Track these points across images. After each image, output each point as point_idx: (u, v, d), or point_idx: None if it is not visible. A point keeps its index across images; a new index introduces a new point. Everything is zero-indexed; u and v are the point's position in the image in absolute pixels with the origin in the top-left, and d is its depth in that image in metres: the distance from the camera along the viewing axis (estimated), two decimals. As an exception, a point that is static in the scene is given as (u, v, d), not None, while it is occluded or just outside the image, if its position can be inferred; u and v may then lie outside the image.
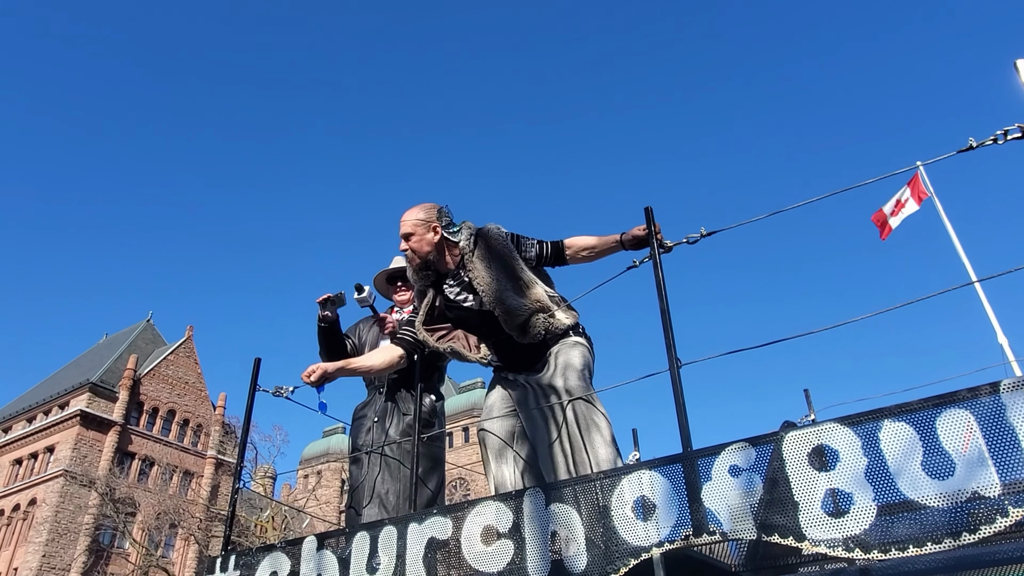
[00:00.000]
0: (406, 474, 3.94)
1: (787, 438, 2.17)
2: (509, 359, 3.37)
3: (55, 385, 50.17)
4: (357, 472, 4.07)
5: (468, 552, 2.61)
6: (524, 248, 3.32)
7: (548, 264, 3.38)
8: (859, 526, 1.97)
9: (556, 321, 3.19)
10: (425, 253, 3.34)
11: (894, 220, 12.16)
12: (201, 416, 51.52)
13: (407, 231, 3.36)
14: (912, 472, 1.96)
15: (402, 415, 4.11)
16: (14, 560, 41.11)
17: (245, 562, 3.24)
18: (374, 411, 4.17)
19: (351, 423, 4.32)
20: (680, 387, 2.50)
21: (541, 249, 3.33)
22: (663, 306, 2.70)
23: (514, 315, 3.15)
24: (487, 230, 3.31)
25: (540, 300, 3.18)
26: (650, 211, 2.97)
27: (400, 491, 3.92)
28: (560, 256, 3.32)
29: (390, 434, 4.06)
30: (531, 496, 2.57)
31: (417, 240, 3.34)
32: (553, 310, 3.20)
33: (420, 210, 3.39)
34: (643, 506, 2.33)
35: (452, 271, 3.38)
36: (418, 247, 3.34)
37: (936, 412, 2.00)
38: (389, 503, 3.89)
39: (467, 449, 60.67)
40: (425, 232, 3.33)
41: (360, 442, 4.14)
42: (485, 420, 3.38)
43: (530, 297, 3.18)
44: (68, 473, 41.54)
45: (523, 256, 3.28)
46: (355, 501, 4.00)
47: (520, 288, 3.18)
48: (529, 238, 3.36)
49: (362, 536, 2.92)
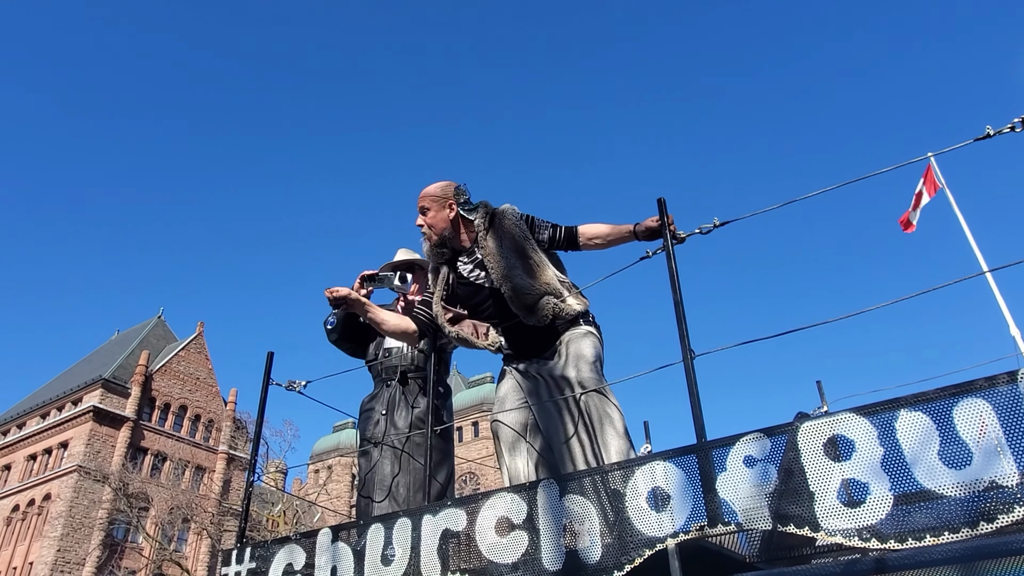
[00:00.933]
0: (415, 466, 3.96)
1: (802, 428, 2.16)
2: (519, 344, 3.37)
3: (68, 381, 50.63)
4: (367, 464, 4.07)
5: (482, 543, 2.61)
6: (538, 230, 3.33)
7: (560, 248, 3.38)
8: (875, 516, 1.96)
9: (566, 306, 3.19)
10: (440, 229, 3.36)
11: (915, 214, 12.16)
12: (212, 412, 51.88)
13: (423, 206, 3.40)
14: (929, 462, 1.95)
15: (411, 407, 4.12)
16: (29, 554, 41.57)
17: (260, 554, 3.26)
18: (382, 403, 4.17)
19: (359, 416, 4.32)
20: (694, 378, 2.50)
21: (554, 232, 3.34)
22: (676, 297, 2.69)
23: (522, 295, 3.16)
24: (502, 210, 3.33)
25: (550, 283, 3.20)
26: (663, 202, 2.96)
27: (411, 483, 3.93)
28: (573, 241, 3.32)
29: (399, 426, 4.06)
30: (545, 488, 2.57)
31: (433, 216, 3.37)
32: (563, 294, 3.21)
33: (437, 187, 3.42)
34: (657, 497, 2.33)
35: (467, 249, 3.40)
36: (434, 223, 3.37)
37: (953, 401, 1.98)
38: (400, 495, 3.90)
39: (477, 443, 60.84)
40: (441, 208, 3.37)
41: (369, 434, 4.14)
42: (498, 412, 3.38)
43: (540, 279, 3.19)
44: (82, 468, 41.94)
45: (536, 238, 3.30)
46: (366, 493, 4.01)
47: (530, 269, 3.20)
48: (544, 221, 3.37)
49: (376, 528, 2.93)
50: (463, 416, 63.77)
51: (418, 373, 4.21)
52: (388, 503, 3.86)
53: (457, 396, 66.15)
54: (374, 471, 4.00)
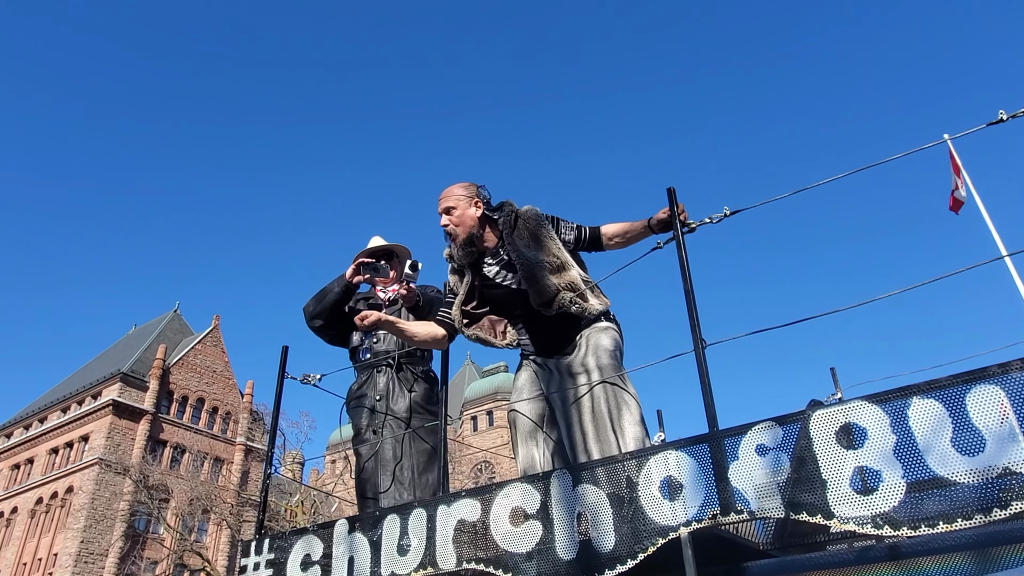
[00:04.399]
0: (418, 448, 3.97)
1: (815, 416, 2.16)
2: (540, 342, 3.38)
3: (87, 376, 51.28)
4: (368, 450, 4.04)
5: (497, 533, 2.64)
6: (563, 231, 3.33)
7: (584, 249, 3.39)
8: (888, 503, 1.97)
9: (588, 305, 3.19)
10: (468, 228, 3.34)
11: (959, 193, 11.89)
12: (229, 404, 52.38)
13: (449, 205, 3.37)
14: (942, 449, 1.95)
15: (408, 391, 4.11)
16: (54, 545, 42.28)
17: (279, 545, 3.31)
18: (375, 390, 4.14)
19: (347, 406, 4.27)
20: (706, 367, 2.50)
21: (580, 233, 3.34)
22: (687, 286, 2.69)
23: (546, 294, 3.16)
24: (526, 210, 3.33)
25: (574, 282, 3.20)
26: (672, 192, 2.95)
27: (414, 465, 3.93)
28: (597, 242, 3.33)
29: (397, 411, 4.05)
30: (559, 477, 2.59)
31: (459, 215, 3.35)
32: (585, 293, 3.21)
33: (461, 186, 3.42)
34: (670, 486, 2.34)
35: (491, 250, 3.39)
36: (460, 221, 3.34)
37: (966, 388, 1.98)
38: (404, 478, 3.90)
39: (491, 433, 61.02)
40: (468, 207, 3.36)
41: (364, 421, 4.10)
42: (515, 402, 3.39)
43: (564, 278, 3.19)
44: (103, 461, 42.55)
45: (561, 238, 3.30)
46: (370, 481, 3.99)
47: (555, 268, 3.20)
48: (569, 222, 3.37)
49: (392, 519, 2.97)
50: (477, 405, 63.97)
51: (410, 360, 4.21)
52: (395, 488, 3.88)
53: (471, 386, 66.35)
54: (377, 457, 3.99)
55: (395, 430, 4.00)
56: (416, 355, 4.25)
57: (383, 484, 3.92)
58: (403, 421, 4.03)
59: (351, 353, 4.39)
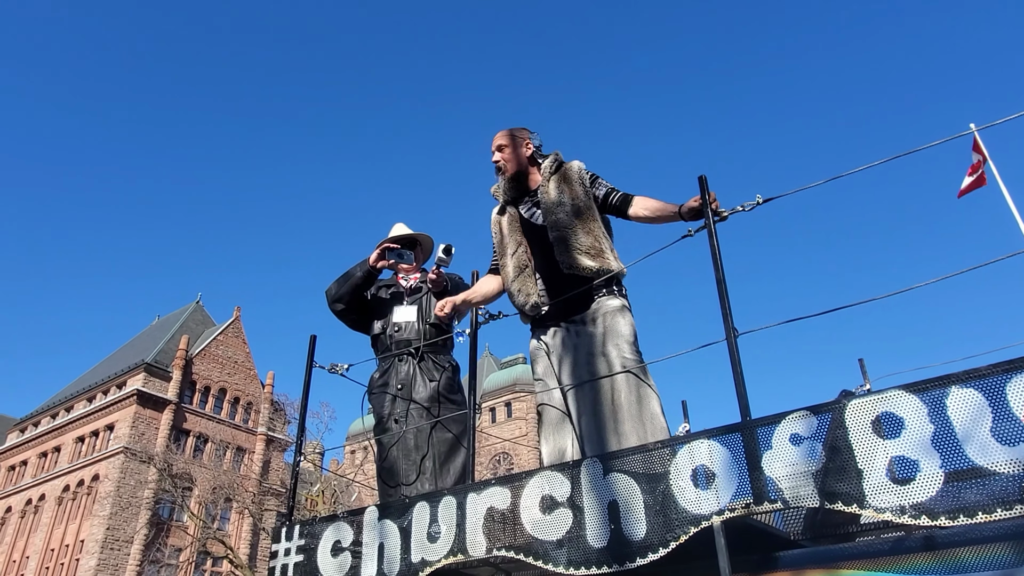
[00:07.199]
0: (441, 437, 3.99)
1: (850, 406, 2.15)
2: (556, 293, 3.40)
3: (112, 366, 52.04)
4: (389, 438, 4.06)
5: (527, 521, 2.65)
6: (596, 185, 3.49)
7: (610, 212, 3.50)
8: (925, 493, 1.95)
9: (603, 262, 3.28)
10: (516, 165, 3.59)
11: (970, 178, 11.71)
12: (251, 394, 52.90)
13: (502, 143, 3.64)
14: (981, 438, 1.93)
15: (429, 381, 4.13)
16: (80, 532, 43.08)
17: (309, 532, 3.34)
18: (396, 378, 4.15)
19: (369, 393, 4.28)
20: (738, 356, 2.49)
21: (609, 193, 3.46)
22: (719, 275, 2.68)
23: (568, 244, 3.31)
24: (571, 163, 3.55)
25: (597, 239, 3.33)
26: (704, 180, 2.93)
27: (437, 455, 3.95)
28: (623, 209, 3.42)
29: (420, 399, 4.06)
30: (589, 466, 2.59)
31: (510, 153, 3.61)
32: (604, 249, 3.32)
33: (515, 129, 3.69)
34: (703, 475, 2.34)
35: (531, 192, 3.60)
36: (510, 159, 3.60)
37: (1006, 378, 1.95)
38: (427, 468, 3.92)
39: (510, 424, 61.16)
40: (518, 147, 3.62)
41: (386, 411, 4.12)
42: (541, 392, 3.42)
43: (590, 235, 3.33)
44: (128, 450, 43.20)
45: (592, 192, 3.46)
46: (392, 470, 4.00)
47: (584, 222, 3.35)
48: (605, 181, 3.52)
49: (422, 506, 2.99)
50: (495, 397, 64.12)
51: (432, 349, 4.23)
52: (417, 476, 3.89)
53: (489, 377, 66.48)
54: (398, 444, 4.01)
55: (417, 419, 4.02)
56: (438, 344, 4.27)
57: (407, 475, 3.93)
58: (426, 410, 4.05)
59: (372, 341, 4.41)
